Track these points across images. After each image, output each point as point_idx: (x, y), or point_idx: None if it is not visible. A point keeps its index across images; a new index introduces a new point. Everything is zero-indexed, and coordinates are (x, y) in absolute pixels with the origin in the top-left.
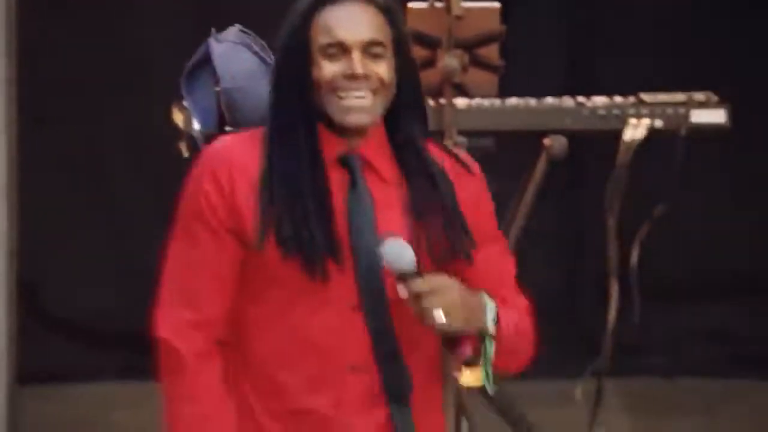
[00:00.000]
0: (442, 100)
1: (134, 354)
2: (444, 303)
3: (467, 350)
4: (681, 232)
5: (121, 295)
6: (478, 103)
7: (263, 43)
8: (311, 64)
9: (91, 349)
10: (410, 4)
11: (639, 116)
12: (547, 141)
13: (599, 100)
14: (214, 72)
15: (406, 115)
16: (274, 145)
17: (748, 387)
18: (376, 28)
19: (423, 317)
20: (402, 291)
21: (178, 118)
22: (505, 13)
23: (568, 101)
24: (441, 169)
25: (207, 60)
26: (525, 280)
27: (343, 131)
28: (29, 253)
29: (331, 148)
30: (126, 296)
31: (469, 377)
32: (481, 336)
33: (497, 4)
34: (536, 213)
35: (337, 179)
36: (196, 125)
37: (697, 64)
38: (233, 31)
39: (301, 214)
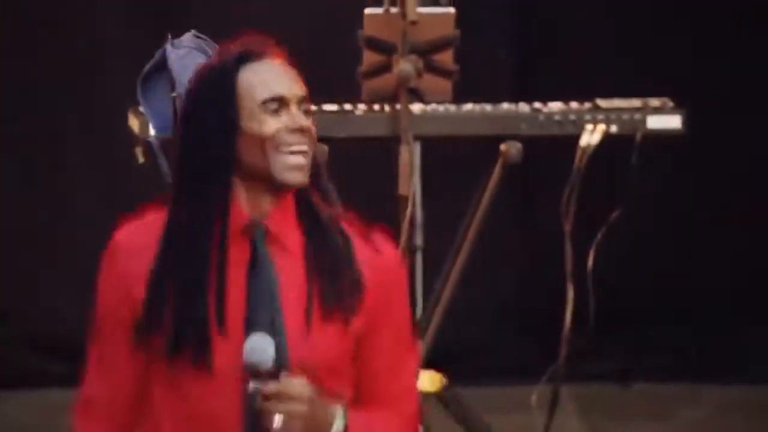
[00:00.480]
0: (398, 106)
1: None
2: (288, 411)
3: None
4: (636, 240)
5: (71, 300)
6: (433, 109)
7: (218, 47)
8: (241, 120)
9: (41, 354)
10: (366, 11)
11: (595, 122)
12: (503, 146)
13: (555, 105)
14: (170, 77)
15: (318, 180)
16: (178, 209)
17: (703, 392)
18: (301, 82)
19: (263, 417)
20: (252, 387)
21: (134, 123)
22: (459, 19)
23: (523, 107)
24: (342, 236)
25: (163, 65)
26: (480, 285)
27: (258, 191)
28: None
29: (238, 215)
30: (76, 302)
31: None
32: None
33: (452, 10)
34: (492, 219)
35: (239, 252)
36: (152, 130)
37: (653, 69)
38: (188, 37)
39: (191, 300)
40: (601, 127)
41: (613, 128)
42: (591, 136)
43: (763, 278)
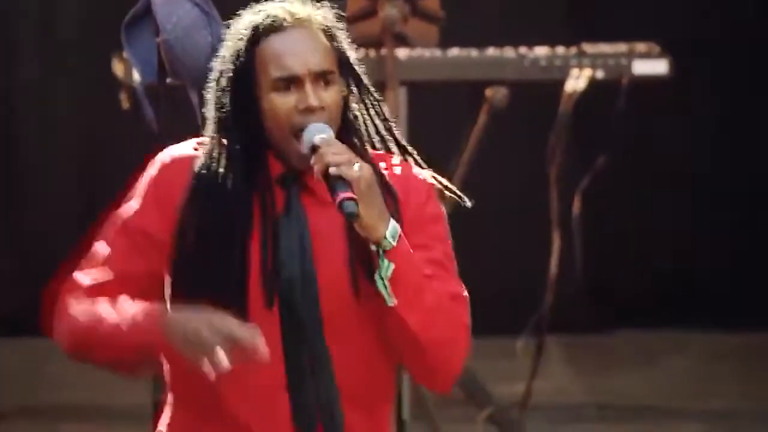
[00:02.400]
0: (383, 51)
1: None
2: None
3: (349, 197)
4: (624, 188)
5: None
6: (419, 54)
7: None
8: (259, 93)
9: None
10: None
11: (581, 67)
12: (488, 92)
13: (541, 50)
14: (155, 23)
15: (351, 133)
16: (213, 163)
17: (687, 338)
18: (324, 54)
19: (331, 172)
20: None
21: (118, 69)
22: None
23: (509, 52)
24: (385, 184)
25: (147, 11)
26: (466, 235)
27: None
28: None
29: (273, 166)
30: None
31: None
32: (377, 249)
33: None
34: (478, 164)
35: (273, 201)
36: (137, 76)
37: (639, 14)
38: None
39: (221, 248)
40: (587, 72)
41: (599, 73)
42: (576, 82)
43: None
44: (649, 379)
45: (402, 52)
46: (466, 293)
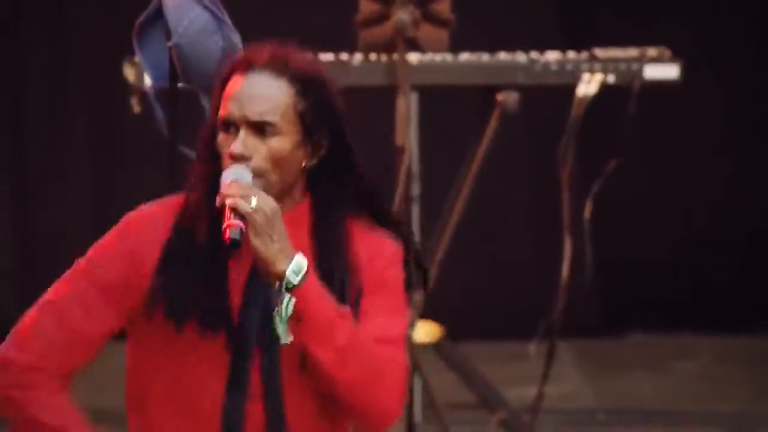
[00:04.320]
0: (395, 56)
1: None
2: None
3: (233, 226)
4: (635, 192)
5: None
6: (430, 59)
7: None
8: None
9: None
10: None
11: (592, 71)
12: (499, 96)
13: (552, 55)
14: (166, 27)
15: (327, 186)
16: (185, 214)
17: (698, 342)
18: (272, 105)
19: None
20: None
21: (129, 73)
22: None
23: (521, 56)
24: (343, 242)
25: (159, 15)
26: (477, 239)
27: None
28: None
29: None
30: None
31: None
32: (279, 285)
33: None
34: (489, 169)
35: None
36: (148, 80)
37: (651, 19)
38: None
39: (192, 284)
40: (598, 76)
41: (610, 78)
42: (588, 86)
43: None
44: (660, 382)
45: (413, 57)
46: (403, 334)
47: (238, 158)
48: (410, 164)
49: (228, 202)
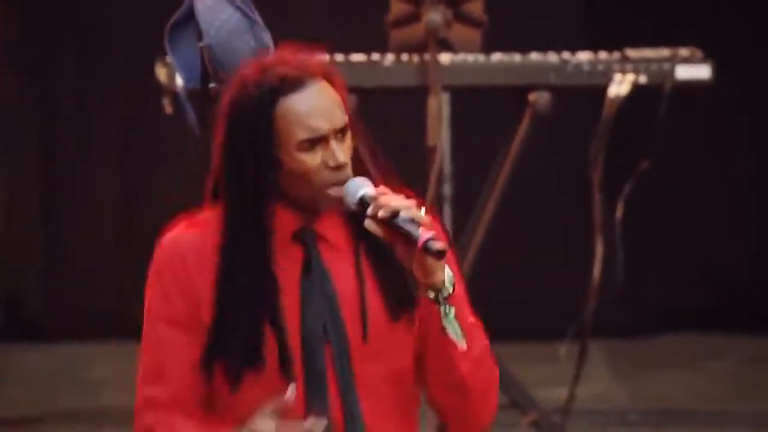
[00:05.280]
0: (426, 56)
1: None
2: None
3: (436, 237)
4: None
5: None
6: (462, 59)
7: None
8: (278, 154)
9: None
10: None
11: (624, 72)
12: (531, 97)
13: (584, 55)
14: (197, 27)
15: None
16: (229, 232)
17: (730, 342)
18: (341, 108)
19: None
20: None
21: (161, 73)
22: None
23: (552, 57)
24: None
25: (190, 16)
26: (509, 239)
27: (305, 205)
28: None
29: (287, 225)
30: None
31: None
32: (435, 295)
33: None
34: (520, 169)
35: (291, 256)
36: (180, 81)
37: (681, 19)
38: None
39: (252, 316)
40: (630, 77)
41: (642, 78)
42: (619, 87)
43: None
44: (691, 383)
45: (445, 57)
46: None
47: (345, 166)
48: (442, 165)
49: (403, 213)
